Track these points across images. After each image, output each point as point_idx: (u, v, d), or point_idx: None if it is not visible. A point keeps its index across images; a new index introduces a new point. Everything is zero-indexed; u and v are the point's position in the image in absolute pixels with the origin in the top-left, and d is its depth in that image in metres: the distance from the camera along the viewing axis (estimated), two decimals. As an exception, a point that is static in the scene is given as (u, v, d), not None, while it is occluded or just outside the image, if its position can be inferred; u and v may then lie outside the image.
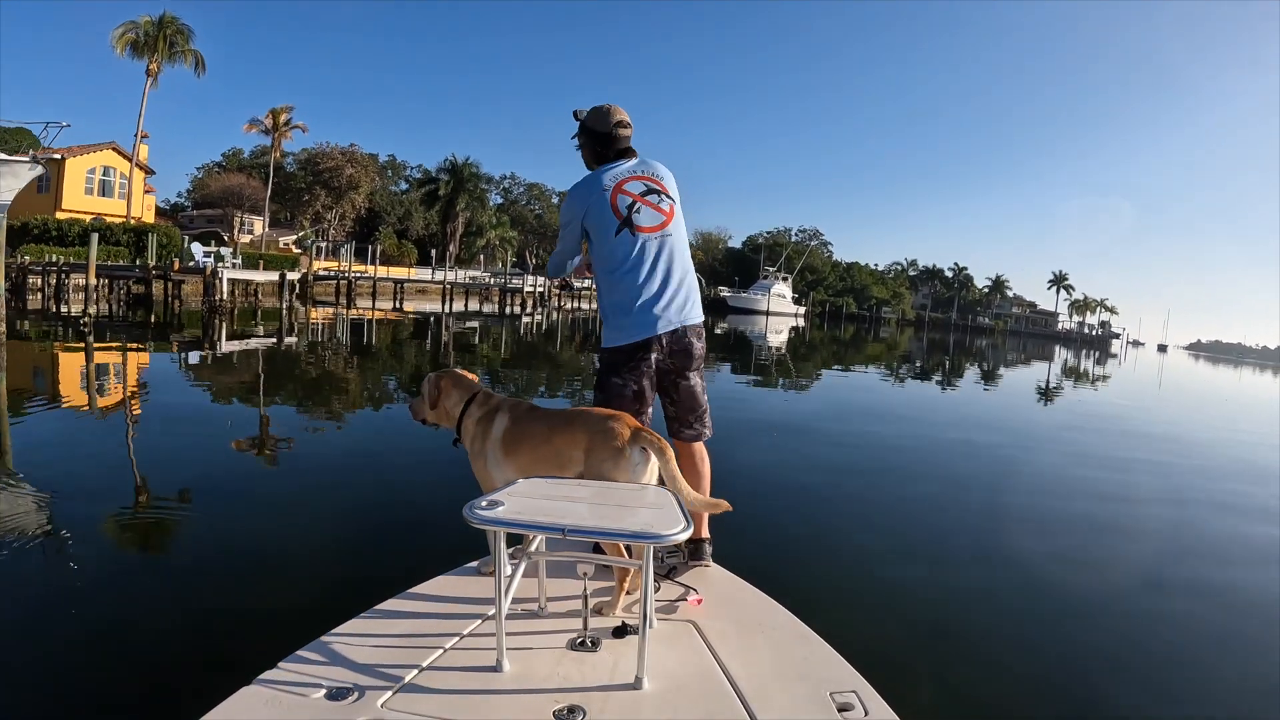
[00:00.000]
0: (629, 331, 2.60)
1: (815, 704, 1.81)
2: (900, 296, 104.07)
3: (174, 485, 5.41)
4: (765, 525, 5.11)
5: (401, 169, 69.01)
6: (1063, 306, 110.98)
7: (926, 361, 29.70)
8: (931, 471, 7.65)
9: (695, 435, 2.77)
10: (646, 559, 1.82)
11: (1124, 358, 58.89)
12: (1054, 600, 4.31)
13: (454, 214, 55.59)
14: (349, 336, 20.10)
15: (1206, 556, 5.48)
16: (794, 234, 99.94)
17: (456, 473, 3.10)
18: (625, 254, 2.62)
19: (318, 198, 52.11)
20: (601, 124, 2.75)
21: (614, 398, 2.60)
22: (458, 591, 2.39)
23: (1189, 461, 10.13)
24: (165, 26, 38.03)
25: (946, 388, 18.95)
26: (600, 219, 2.64)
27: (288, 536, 4.56)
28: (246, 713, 1.67)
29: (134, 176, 40.91)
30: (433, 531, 4.49)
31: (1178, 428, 14.38)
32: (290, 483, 5.85)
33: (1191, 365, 59.82)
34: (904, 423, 11.35)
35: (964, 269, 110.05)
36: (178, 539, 4.46)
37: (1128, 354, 70.18)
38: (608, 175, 2.68)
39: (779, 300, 77.43)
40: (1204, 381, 37.56)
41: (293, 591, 3.70)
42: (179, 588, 3.74)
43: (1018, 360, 38.77)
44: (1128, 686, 3.34)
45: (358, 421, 8.61)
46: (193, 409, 8.58)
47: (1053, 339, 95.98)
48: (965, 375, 24.38)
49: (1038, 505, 6.50)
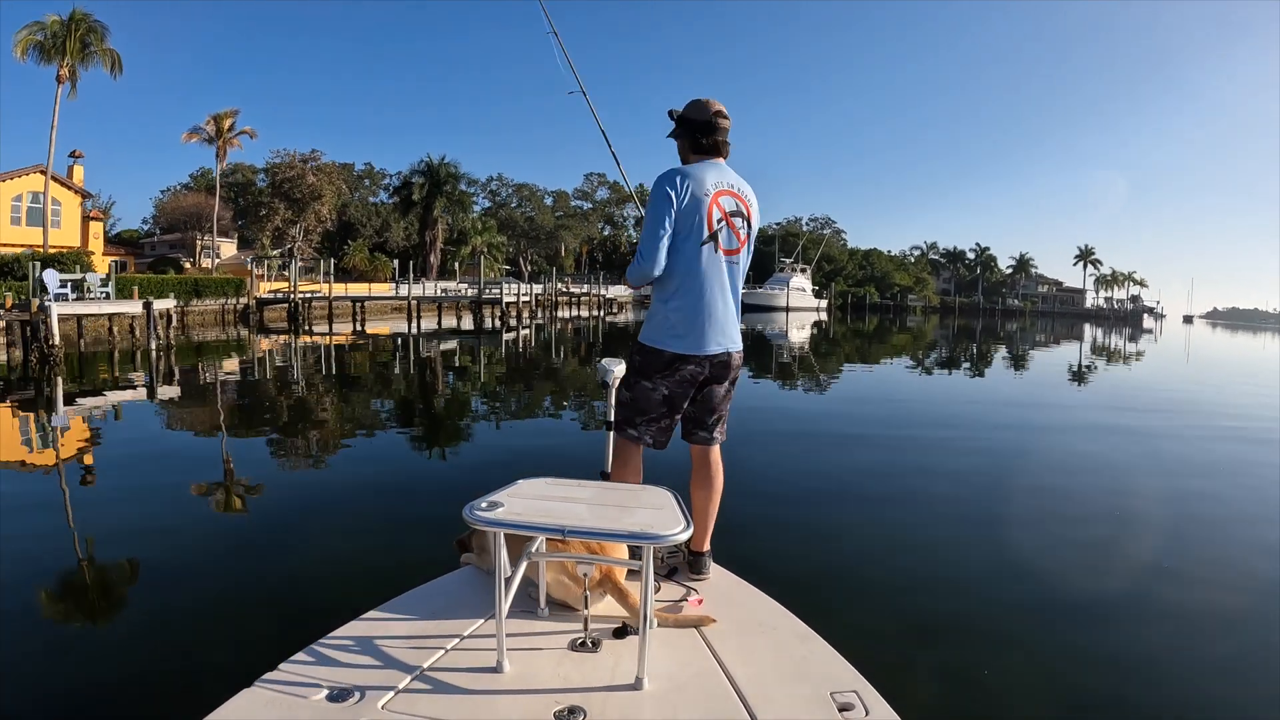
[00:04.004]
0: (680, 342, 2.56)
1: (816, 704, 1.80)
2: (924, 282, 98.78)
3: (173, 492, 5.81)
4: (765, 525, 5.22)
5: (380, 178, 63.54)
6: (1089, 283, 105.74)
7: (965, 350, 28.21)
8: (932, 471, 7.57)
9: (706, 439, 2.72)
10: (646, 559, 1.81)
11: (1159, 333, 57.37)
12: (1055, 600, 4.26)
13: (432, 220, 50.00)
14: (249, 385, 14.61)
15: (1206, 554, 5.35)
16: (804, 223, 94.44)
17: (456, 474, 4.43)
18: (702, 266, 2.55)
19: (277, 212, 46.54)
20: (700, 112, 2.67)
21: (645, 397, 2.59)
22: (458, 593, 2.38)
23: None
24: (76, 25, 32.90)
25: (984, 374, 18.50)
26: (692, 219, 2.53)
27: (289, 539, 4.76)
28: (247, 714, 1.66)
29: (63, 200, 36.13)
30: (433, 532, 4.34)
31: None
32: (290, 489, 6.06)
33: (1223, 337, 58.44)
34: (922, 423, 10.98)
35: (986, 249, 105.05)
36: (178, 542, 4.61)
37: (1162, 328, 69.02)
38: (710, 178, 2.57)
39: (799, 294, 71.74)
40: (1247, 351, 37.23)
41: (294, 593, 3.84)
42: (180, 589, 3.85)
43: (1049, 341, 38.51)
44: (1128, 687, 3.34)
45: (355, 432, 9.11)
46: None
47: (1082, 317, 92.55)
48: (1011, 364, 23.63)
49: (1038, 504, 6.38)
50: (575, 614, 2.15)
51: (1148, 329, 65.52)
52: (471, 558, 2.59)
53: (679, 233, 2.53)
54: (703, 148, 2.65)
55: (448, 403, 12.16)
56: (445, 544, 2.81)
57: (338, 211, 53.12)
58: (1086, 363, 25.59)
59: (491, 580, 2.09)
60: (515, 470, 2.60)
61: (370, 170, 64.22)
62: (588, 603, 2.09)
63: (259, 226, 47.14)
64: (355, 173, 62.56)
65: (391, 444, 8.39)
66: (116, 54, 34.98)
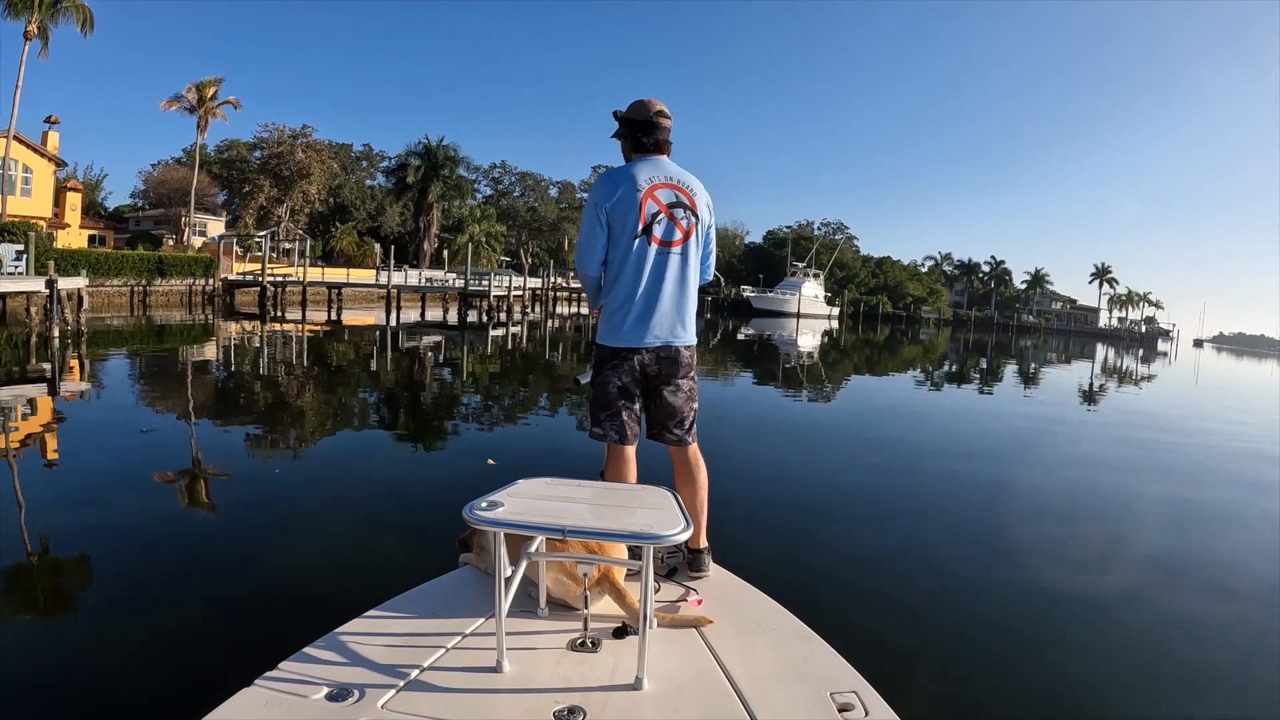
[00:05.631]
0: (620, 336, 2.60)
1: (815, 704, 1.81)
2: (937, 294, 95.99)
3: (168, 492, 5.55)
4: (765, 526, 5.22)
5: (379, 160, 60.45)
6: (1103, 301, 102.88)
7: (985, 369, 26.24)
8: (932, 472, 7.60)
9: (676, 440, 2.71)
10: (646, 560, 1.81)
11: (1174, 357, 55.96)
12: (1055, 601, 4.27)
13: (427, 205, 47.24)
14: (158, 381, 11.96)
15: (1205, 559, 5.39)
16: (817, 227, 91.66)
17: (456, 475, 4.18)
18: (636, 260, 2.58)
19: (261, 189, 43.81)
20: (641, 112, 2.69)
21: (603, 392, 2.63)
22: (458, 592, 2.37)
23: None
24: (46, -25, 30.38)
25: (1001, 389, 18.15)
26: (625, 216, 2.57)
27: (289, 538, 4.65)
28: (247, 713, 1.66)
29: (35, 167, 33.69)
30: (433, 532, 4.44)
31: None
32: (290, 487, 5.88)
33: (1245, 364, 56.43)
34: (921, 430, 10.81)
35: (1002, 263, 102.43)
36: (178, 541, 4.52)
37: (1177, 353, 66.81)
38: (643, 175, 2.60)
39: (811, 301, 69.06)
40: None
41: (294, 592, 3.80)
42: (180, 589, 3.81)
43: (1066, 358, 38.71)
44: (1128, 687, 3.35)
45: (352, 428, 8.77)
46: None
47: (1095, 337, 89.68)
48: (1023, 380, 22.65)
49: (1039, 505, 6.45)
50: (575, 614, 2.14)
51: (1163, 352, 64.53)
52: (471, 557, 2.57)
53: (614, 231, 2.59)
54: (643, 146, 2.68)
55: (447, 404, 11.35)
56: (445, 544, 2.81)
57: (330, 192, 50.39)
58: (1122, 387, 23.40)
59: (491, 580, 2.13)
60: (515, 471, 2.77)
61: (369, 151, 61.13)
62: (588, 603, 2.08)
63: (243, 204, 44.49)
64: (353, 154, 59.73)
65: (391, 445, 8.06)
66: (88, 10, 32.60)
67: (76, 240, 40.31)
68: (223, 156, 48.38)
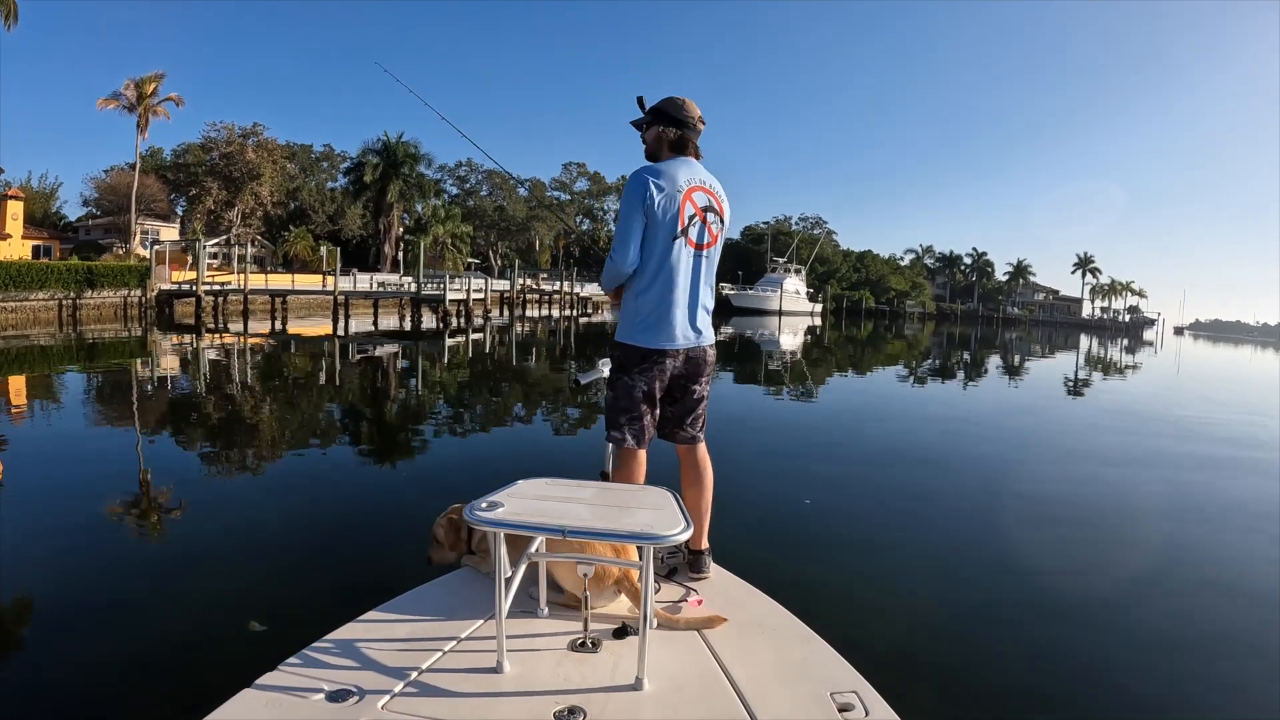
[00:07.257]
0: (651, 336, 2.58)
1: (816, 704, 1.80)
2: (920, 287, 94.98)
3: (176, 489, 5.68)
4: (765, 526, 5.20)
5: (340, 161, 58.03)
6: (1086, 291, 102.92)
7: (977, 363, 25.34)
8: (933, 472, 7.51)
9: (689, 438, 2.74)
10: (646, 560, 1.81)
11: (1160, 345, 55.61)
12: (1056, 601, 4.22)
13: (387, 206, 45.02)
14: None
15: (1209, 557, 5.28)
16: (794, 222, 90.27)
17: (456, 475, 4.12)
18: (675, 261, 2.57)
19: (209, 191, 41.44)
20: (685, 114, 2.65)
21: (627, 395, 2.60)
22: (458, 593, 2.36)
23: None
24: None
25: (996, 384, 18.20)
26: (664, 215, 2.53)
27: (288, 539, 4.70)
28: (247, 714, 1.66)
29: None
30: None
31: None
32: (289, 488, 5.98)
33: (1209, 350, 57.00)
34: (912, 423, 11.06)
35: (984, 254, 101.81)
36: (178, 540, 4.59)
37: (1162, 341, 66.61)
38: (683, 175, 2.58)
39: (793, 297, 67.54)
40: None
41: (293, 593, 3.79)
42: (180, 588, 3.83)
43: (1050, 350, 37.91)
44: (1129, 687, 3.30)
45: (355, 428, 8.99)
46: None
47: (1079, 327, 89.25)
48: (1007, 374, 22.39)
49: (1040, 504, 6.39)
50: (575, 614, 2.13)
51: (1148, 341, 64.66)
52: (471, 558, 2.56)
53: (652, 228, 2.57)
54: (681, 149, 2.68)
55: (449, 403, 11.47)
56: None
57: (287, 195, 48.04)
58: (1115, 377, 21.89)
59: (491, 580, 2.10)
60: (514, 471, 2.66)
61: (330, 152, 58.47)
62: (587, 603, 2.06)
63: (190, 208, 42.14)
64: (313, 155, 57.27)
65: (391, 444, 8.19)
66: (14, 2, 30.21)
67: (20, 251, 37.86)
68: (179, 160, 45.99)
